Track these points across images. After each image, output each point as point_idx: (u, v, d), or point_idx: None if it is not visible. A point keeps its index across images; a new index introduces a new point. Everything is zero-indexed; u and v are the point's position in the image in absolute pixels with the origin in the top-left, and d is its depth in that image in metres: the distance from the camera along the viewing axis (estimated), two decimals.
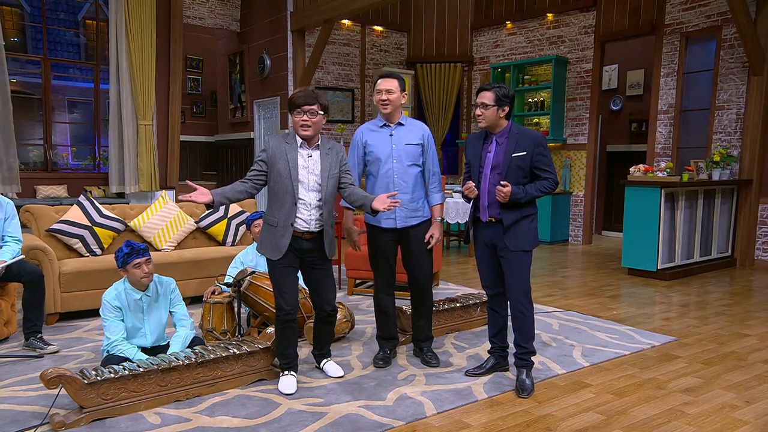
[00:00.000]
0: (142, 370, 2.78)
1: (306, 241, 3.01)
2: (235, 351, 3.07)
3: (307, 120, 2.93)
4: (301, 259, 3.05)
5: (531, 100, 9.10)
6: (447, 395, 3.00)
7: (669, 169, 6.06)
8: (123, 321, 3.16)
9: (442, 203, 3.43)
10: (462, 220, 6.92)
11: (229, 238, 5.27)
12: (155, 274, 3.28)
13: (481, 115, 3.03)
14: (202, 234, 5.25)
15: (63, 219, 4.57)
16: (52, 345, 3.65)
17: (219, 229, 5.24)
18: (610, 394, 3.05)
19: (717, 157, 6.61)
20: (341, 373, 3.26)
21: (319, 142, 3.04)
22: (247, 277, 3.70)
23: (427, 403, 2.90)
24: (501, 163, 3.01)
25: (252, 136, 9.80)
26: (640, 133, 9.21)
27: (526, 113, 9.07)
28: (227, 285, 3.84)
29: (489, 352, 3.36)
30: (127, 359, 3.02)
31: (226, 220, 5.29)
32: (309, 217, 2.99)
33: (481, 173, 3.09)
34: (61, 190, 7.23)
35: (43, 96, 7.51)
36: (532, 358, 3.15)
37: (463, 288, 5.54)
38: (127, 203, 6.46)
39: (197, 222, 5.20)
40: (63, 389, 2.59)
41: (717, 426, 2.71)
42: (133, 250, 3.10)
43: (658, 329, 4.25)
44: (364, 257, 3.54)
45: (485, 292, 3.30)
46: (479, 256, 3.21)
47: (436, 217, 3.41)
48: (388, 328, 3.50)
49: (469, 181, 3.09)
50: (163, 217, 5.00)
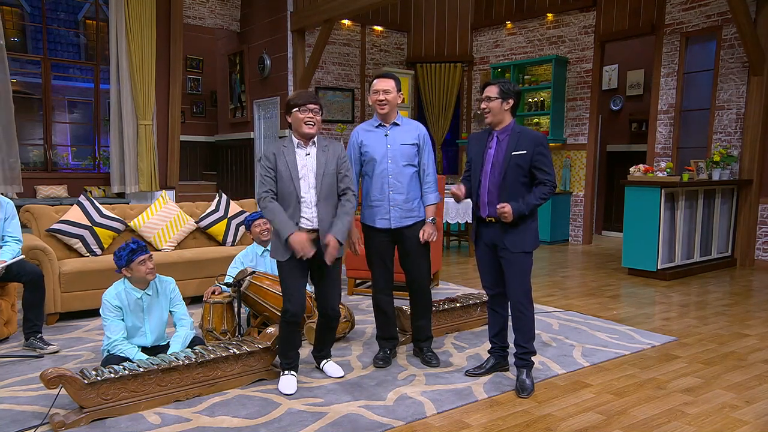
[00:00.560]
0: (142, 370, 2.78)
1: (312, 241, 3.01)
2: (235, 351, 3.07)
3: (312, 117, 2.98)
4: (309, 260, 3.05)
5: (531, 100, 9.10)
6: (447, 395, 3.00)
7: (669, 169, 6.06)
8: (123, 320, 3.17)
9: (435, 204, 3.41)
10: (462, 220, 6.92)
11: (229, 238, 5.27)
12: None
13: (486, 108, 3.06)
14: (202, 234, 5.25)
15: (63, 219, 4.57)
16: (52, 345, 3.65)
17: (219, 229, 5.24)
18: (610, 394, 3.06)
19: (717, 157, 6.61)
20: (341, 373, 3.26)
21: (316, 140, 3.07)
22: (247, 277, 3.70)
23: (427, 403, 2.90)
24: (501, 161, 3.02)
25: (252, 136, 9.80)
26: (640, 133, 9.21)
27: (526, 113, 9.06)
28: (227, 285, 3.84)
29: (489, 352, 3.36)
30: (127, 359, 3.02)
31: (226, 220, 5.29)
32: (312, 215, 3.01)
33: (482, 170, 3.10)
34: (61, 190, 7.23)
35: (43, 96, 7.51)
36: (533, 358, 3.15)
37: (463, 288, 5.54)
38: (127, 203, 6.46)
39: (197, 222, 5.20)
40: (63, 389, 2.59)
41: (717, 426, 2.71)
42: (139, 247, 3.14)
43: (658, 329, 4.25)
44: (364, 257, 3.54)
45: (485, 292, 3.30)
46: (480, 256, 3.22)
47: (429, 218, 3.39)
48: (387, 328, 3.50)
49: (457, 185, 3.14)
50: (163, 217, 5.00)
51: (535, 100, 9.03)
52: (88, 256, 4.58)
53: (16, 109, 6.65)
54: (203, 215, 5.24)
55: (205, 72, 11.31)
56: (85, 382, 2.63)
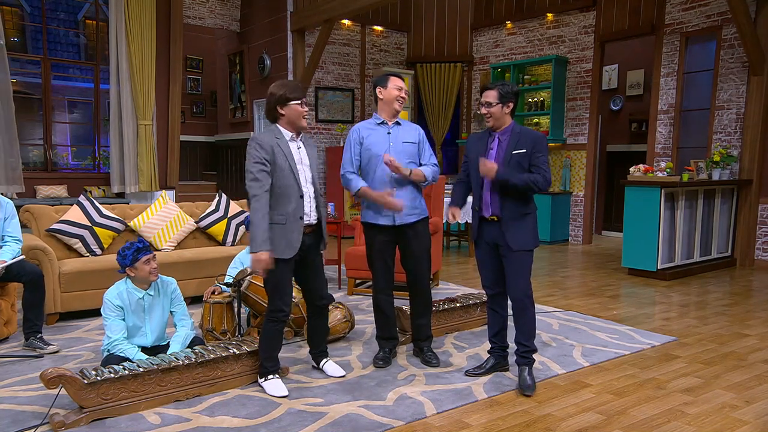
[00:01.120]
0: (142, 370, 2.78)
1: (306, 235, 3.02)
2: (235, 351, 3.07)
3: (307, 111, 3.03)
4: (300, 256, 3.04)
5: (531, 100, 9.10)
6: (447, 395, 3.00)
7: (669, 169, 6.06)
8: (124, 320, 3.17)
9: (427, 178, 3.35)
10: (462, 221, 6.91)
11: (229, 238, 5.27)
12: None
13: (487, 114, 3.08)
14: (202, 234, 5.25)
15: (63, 219, 4.57)
16: (52, 345, 3.65)
17: (219, 229, 5.24)
18: (610, 394, 3.06)
19: (717, 157, 6.62)
20: (342, 373, 3.26)
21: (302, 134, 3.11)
22: (247, 277, 3.70)
23: (427, 403, 2.90)
24: (502, 159, 3.04)
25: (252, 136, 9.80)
26: (640, 133, 9.21)
27: (526, 113, 9.06)
28: (227, 285, 3.84)
29: (489, 352, 3.36)
30: (127, 359, 3.02)
31: (226, 220, 5.29)
32: (311, 210, 3.03)
33: None
34: (61, 190, 7.23)
35: (43, 96, 7.51)
36: (533, 356, 3.16)
37: (463, 288, 5.54)
38: (127, 203, 6.45)
39: (197, 222, 5.20)
40: (63, 389, 2.59)
41: (717, 426, 2.71)
42: (144, 246, 3.15)
43: (658, 329, 4.25)
44: (364, 257, 3.54)
45: (485, 292, 3.31)
46: (480, 255, 3.22)
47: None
48: (387, 328, 3.50)
49: (452, 208, 3.30)
50: (163, 217, 5.00)
51: (535, 100, 9.03)
52: (88, 256, 4.58)
53: (16, 109, 6.65)
54: (203, 215, 5.24)
55: (205, 72, 11.31)
56: (85, 382, 2.63)
